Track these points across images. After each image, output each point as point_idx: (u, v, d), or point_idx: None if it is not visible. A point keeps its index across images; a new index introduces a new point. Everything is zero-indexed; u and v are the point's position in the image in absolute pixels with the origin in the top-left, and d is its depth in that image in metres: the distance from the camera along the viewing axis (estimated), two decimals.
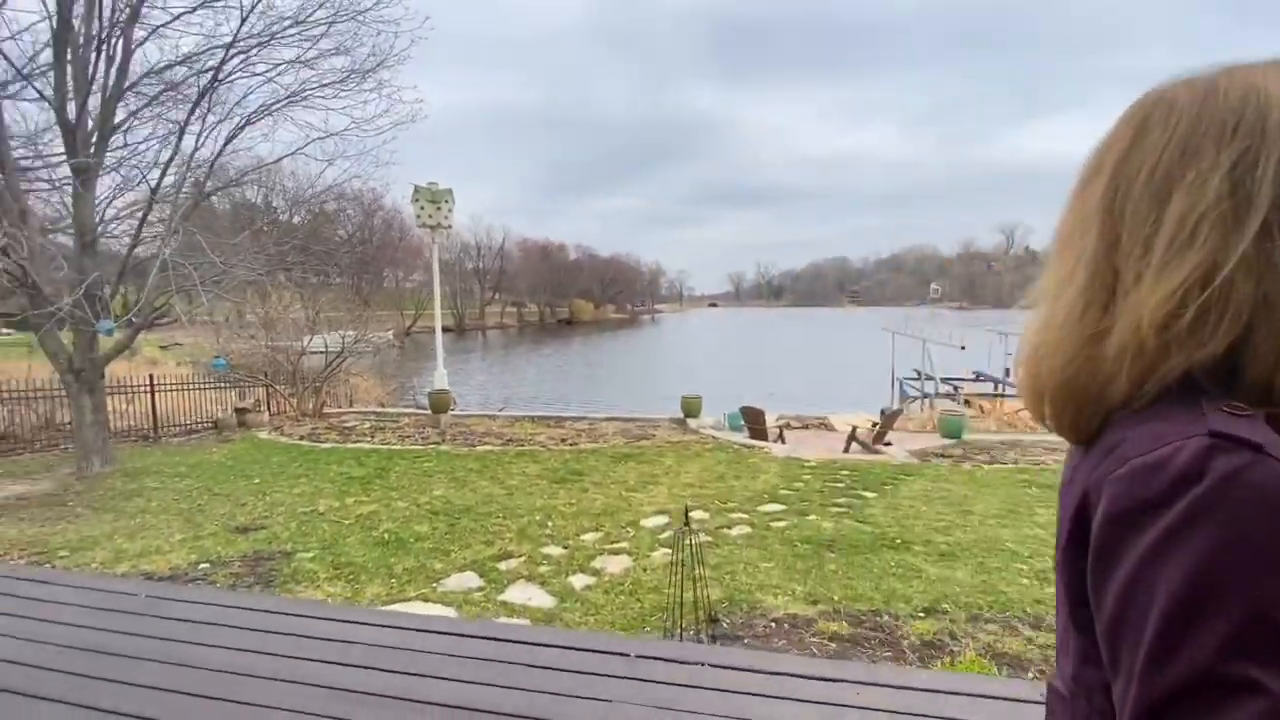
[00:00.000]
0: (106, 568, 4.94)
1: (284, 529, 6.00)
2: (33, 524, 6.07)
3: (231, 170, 8.73)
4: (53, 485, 7.44)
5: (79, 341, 7.30)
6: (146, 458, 9.15)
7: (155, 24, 7.13)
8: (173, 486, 7.49)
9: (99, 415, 7.71)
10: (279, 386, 14.42)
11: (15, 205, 6.78)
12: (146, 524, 6.12)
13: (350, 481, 7.75)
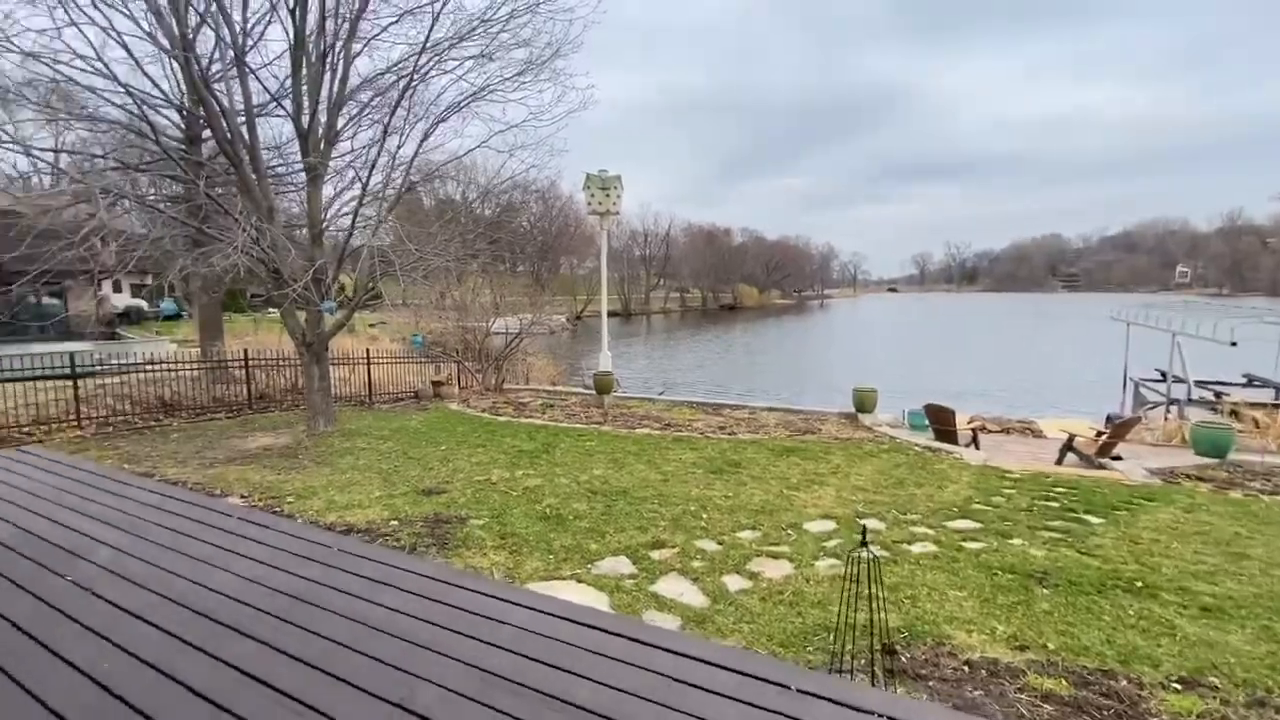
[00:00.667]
0: (319, 516, 5.67)
1: (461, 495, 6.47)
2: (273, 471, 7.23)
3: (430, 165, 9.61)
4: (290, 439, 8.86)
5: (310, 319, 8.56)
6: (360, 420, 10.58)
7: (366, 37, 8.02)
8: (377, 448, 8.51)
9: (324, 383, 9.00)
10: (467, 363, 15.93)
11: (265, 203, 8.06)
12: (354, 480, 6.98)
13: (520, 455, 8.19)
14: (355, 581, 3.43)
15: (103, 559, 3.74)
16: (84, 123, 8.63)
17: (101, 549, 3.90)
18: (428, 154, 9.35)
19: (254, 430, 9.77)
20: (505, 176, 10.04)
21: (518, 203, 12.88)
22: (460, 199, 16.11)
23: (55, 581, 3.43)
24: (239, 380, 12.05)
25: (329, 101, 8.18)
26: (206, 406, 11.49)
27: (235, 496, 6.16)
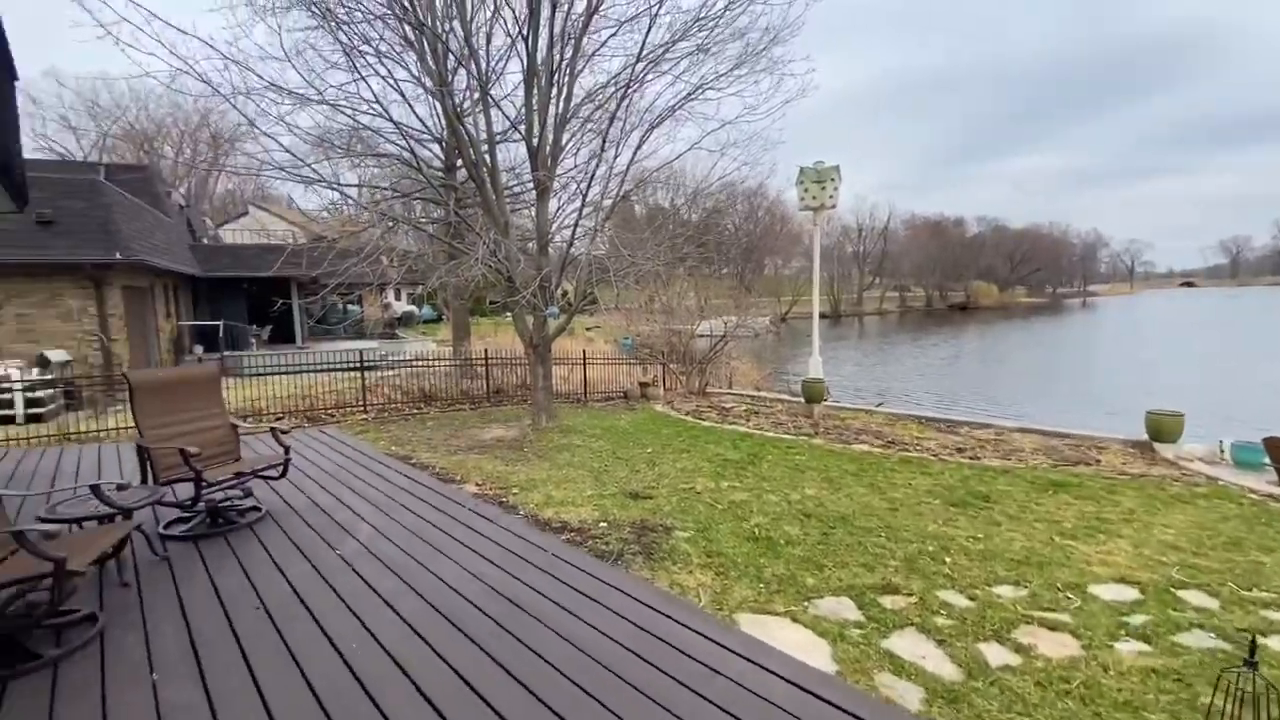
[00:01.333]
0: (538, 509, 5.95)
1: (667, 502, 6.35)
2: (503, 462, 7.90)
3: (644, 173, 9.79)
4: (518, 433, 9.68)
5: (535, 323, 9.24)
6: (576, 417, 11.23)
7: (589, 53, 8.39)
8: (590, 446, 8.87)
9: (547, 382, 9.66)
10: (673, 365, 16.16)
11: (502, 219, 8.86)
12: (569, 476, 7.30)
13: (725, 465, 7.88)
14: (567, 594, 3.36)
15: (363, 536, 4.25)
16: (372, 159, 10.41)
17: (364, 527, 4.44)
18: (641, 161, 9.53)
19: (490, 422, 10.90)
20: (715, 178, 9.83)
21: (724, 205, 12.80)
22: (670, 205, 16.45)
23: (326, 554, 3.95)
24: (480, 376, 13.66)
25: (555, 120, 8.73)
26: (455, 399, 13.19)
27: (471, 484, 6.79)
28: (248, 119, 7.50)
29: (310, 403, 12.17)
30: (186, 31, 6.59)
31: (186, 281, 17.94)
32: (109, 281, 12.20)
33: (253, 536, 4.22)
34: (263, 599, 3.31)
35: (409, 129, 9.19)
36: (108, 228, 11.94)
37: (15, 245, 11.25)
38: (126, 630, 3.01)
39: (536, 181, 8.89)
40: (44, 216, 11.34)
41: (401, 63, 8.66)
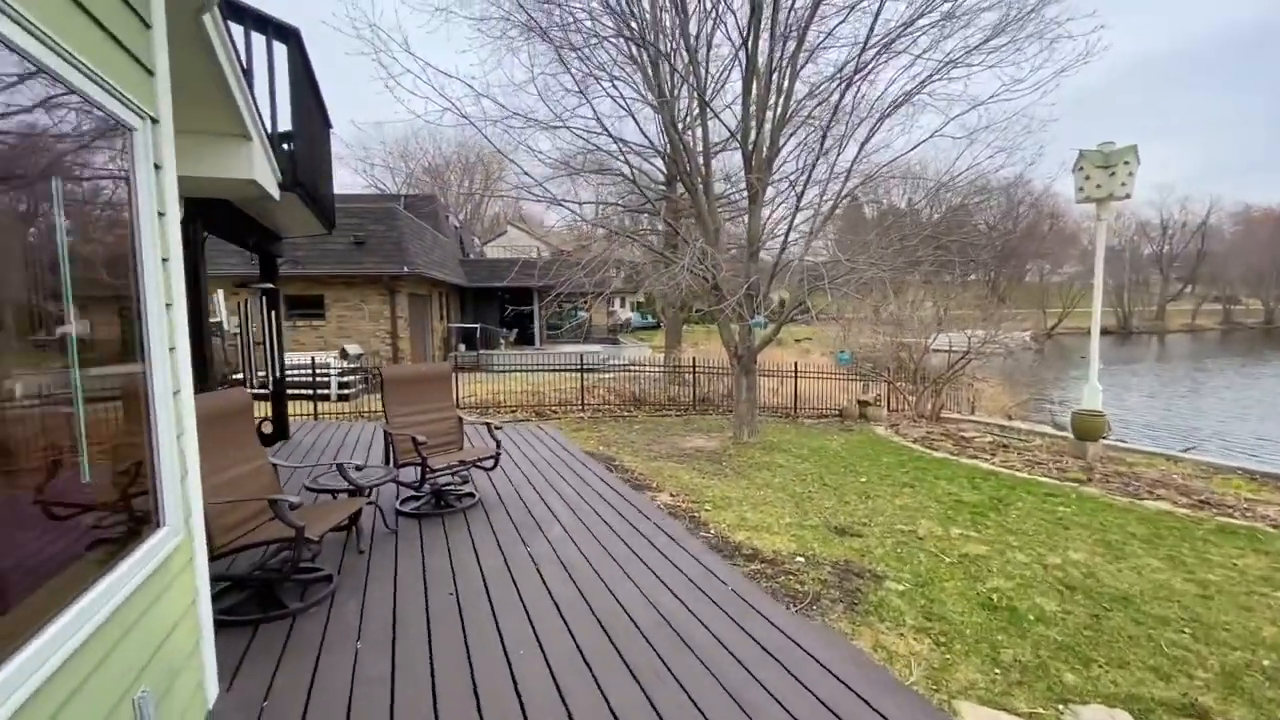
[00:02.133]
0: (729, 531, 5.60)
1: (879, 544, 5.52)
2: (699, 474, 7.70)
3: (871, 169, 8.85)
4: (718, 445, 9.44)
5: (741, 332, 8.91)
6: (783, 434, 10.60)
7: (812, 46, 7.81)
8: (794, 467, 8.24)
9: (751, 394, 9.26)
10: (899, 383, 14.49)
11: (713, 226, 8.71)
12: (767, 498, 6.81)
13: (959, 506, 6.66)
14: (744, 642, 2.96)
15: (554, 536, 4.35)
16: (597, 177, 11.05)
17: (556, 527, 4.56)
18: (869, 157, 8.62)
19: (692, 431, 10.85)
20: (962, 168, 8.46)
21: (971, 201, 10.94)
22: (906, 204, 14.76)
23: (518, 549, 4.10)
24: (687, 383, 13.76)
25: (773, 121, 8.32)
26: (663, 404, 13.47)
27: (665, 494, 6.70)
28: (495, 146, 8.45)
29: (539, 399, 13.48)
30: (450, 74, 7.62)
31: (456, 290, 21.34)
32: (399, 290, 14.98)
33: (464, 522, 4.59)
34: (457, 584, 3.51)
35: (634, 145, 9.58)
36: (400, 246, 14.67)
37: (338, 261, 14.41)
38: (350, 595, 3.40)
39: (749, 185, 8.57)
40: (358, 238, 14.36)
41: (630, 82, 9.06)
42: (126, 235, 2.00)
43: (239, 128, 3.49)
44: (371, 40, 7.14)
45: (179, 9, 2.58)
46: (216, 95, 3.19)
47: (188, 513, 2.28)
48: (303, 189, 5.10)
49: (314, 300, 14.88)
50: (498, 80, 21.49)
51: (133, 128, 2.01)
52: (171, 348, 2.20)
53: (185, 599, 2.24)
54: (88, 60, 1.70)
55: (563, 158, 10.23)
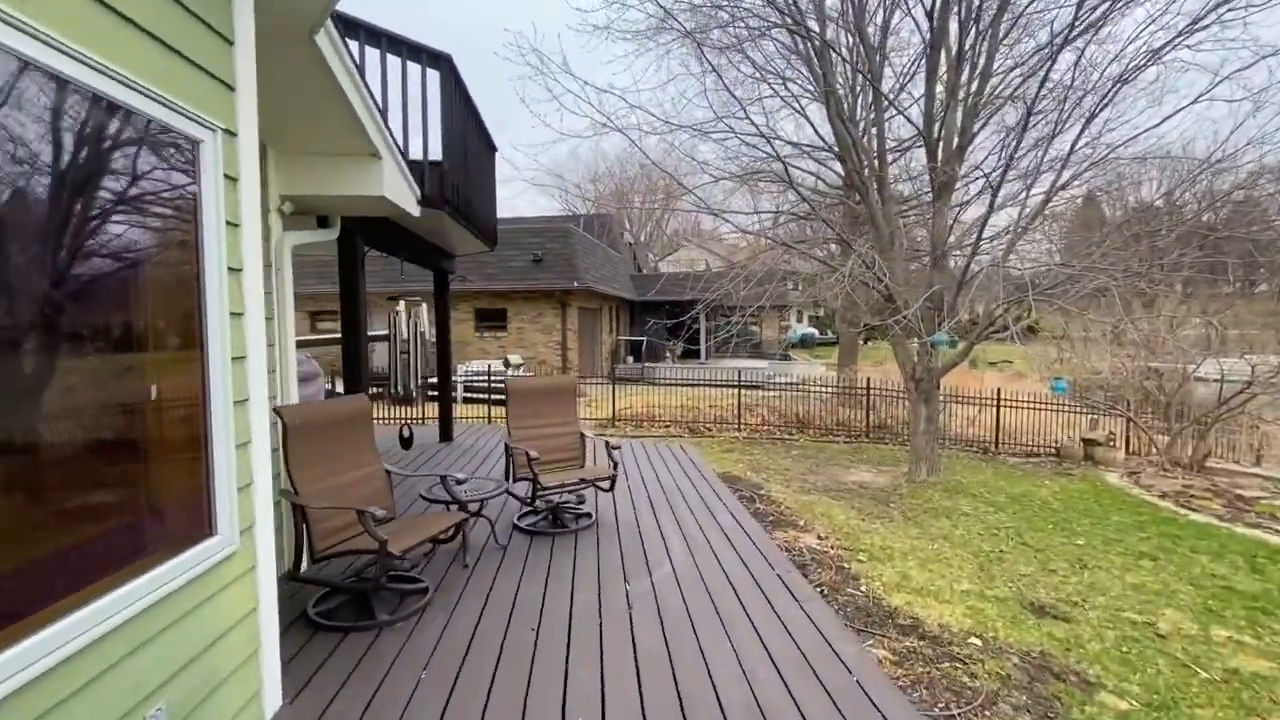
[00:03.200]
0: (883, 593, 4.66)
1: (1094, 636, 4.19)
2: (859, 515, 6.68)
3: (1105, 151, 7.07)
4: (887, 481, 8.19)
5: (921, 352, 7.66)
6: (974, 474, 8.93)
7: (1020, 5, 6.42)
8: (984, 518, 6.81)
9: (932, 426, 7.92)
10: (1143, 419, 11.58)
11: (887, 230, 7.64)
12: (940, 554, 5.64)
13: (1227, 596, 4.90)
14: None
15: (659, 577, 3.89)
16: (776, 185, 10.36)
17: (665, 565, 4.11)
18: (1099, 139, 6.90)
19: (859, 461, 9.64)
20: (1239, 144, 6.41)
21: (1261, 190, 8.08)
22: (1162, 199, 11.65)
23: (616, 586, 3.70)
24: (862, 406, 12.39)
25: (965, 101, 7.07)
26: (830, 428, 12.28)
27: (812, 534, 5.88)
28: (653, 161, 8.32)
29: (695, 415, 13.12)
30: (605, 89, 7.66)
31: (625, 304, 21.97)
32: (570, 303, 15.73)
33: (572, 545, 4.35)
34: (542, 619, 3.24)
35: (801, 146, 8.85)
36: (572, 262, 15.41)
37: (519, 277, 15.55)
38: (437, 613, 3.30)
39: (933, 181, 7.38)
40: (537, 255, 15.36)
41: (796, 77, 8.37)
42: (188, 245, 2.02)
43: (368, 147, 3.65)
44: (537, 65, 7.46)
45: (285, 28, 2.67)
46: (342, 116, 3.34)
47: (250, 522, 2.27)
48: (451, 206, 5.35)
49: (498, 313, 16.23)
50: (651, 94, 22.33)
51: (199, 140, 2.03)
52: (238, 357, 2.20)
53: (239, 609, 2.23)
54: (142, 79, 1.78)
55: (721, 164, 9.83)
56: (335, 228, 4.43)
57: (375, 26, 4.68)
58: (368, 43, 4.71)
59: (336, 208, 4.16)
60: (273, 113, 3.42)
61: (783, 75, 8.26)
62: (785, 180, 7.85)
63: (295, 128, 3.53)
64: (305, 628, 3.13)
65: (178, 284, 2.01)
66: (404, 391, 6.91)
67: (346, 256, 4.92)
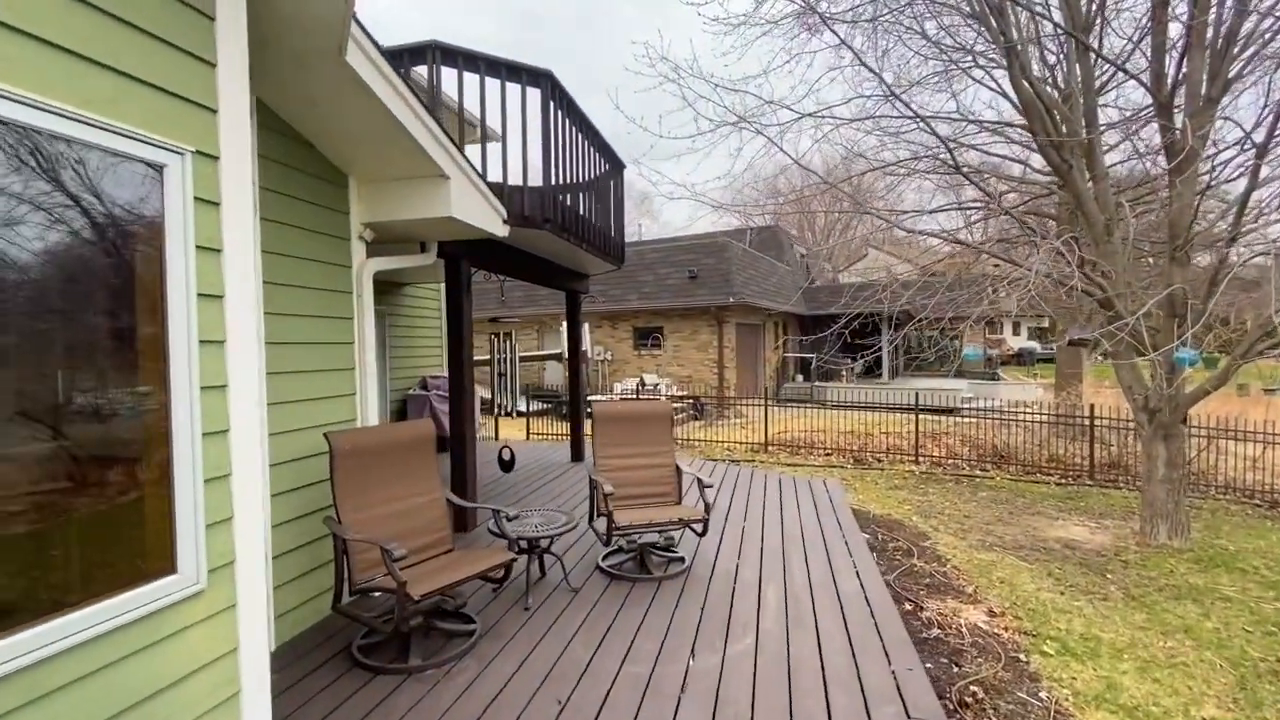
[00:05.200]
0: (1073, 707, 3.37)
1: None
2: (1056, 586, 5.12)
3: None
4: (1109, 540, 6.26)
5: (1156, 374, 5.75)
6: (1249, 538, 6.49)
7: None
8: (1254, 606, 4.80)
9: (1173, 471, 5.90)
10: None
11: (1103, 215, 5.93)
12: (1176, 656, 4.02)
13: None
14: None
15: (733, 653, 3.15)
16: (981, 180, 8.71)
17: (748, 638, 3.36)
18: None
19: (1073, 510, 7.61)
20: None
21: None
22: None
23: (678, 660, 3.07)
24: (1084, 439, 9.94)
25: (1213, 36, 5.20)
26: (1039, 465, 10.02)
27: (981, 609, 4.58)
28: (793, 158, 7.49)
29: (864, 443, 11.61)
30: (740, 90, 7.07)
31: (795, 319, 20.63)
32: (726, 320, 15.10)
33: (648, 597, 3.82)
34: (574, 691, 2.78)
35: (982, 121, 7.37)
36: (727, 277, 14.81)
37: (674, 294, 15.34)
38: (471, 664, 3.00)
39: (1168, 149, 5.55)
40: (693, 272, 15.04)
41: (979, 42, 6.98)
42: (151, 271, 1.96)
43: (433, 169, 3.59)
44: (670, 75, 7.15)
45: (308, 50, 2.63)
46: (398, 137, 3.29)
47: (225, 560, 2.16)
48: (555, 225, 5.21)
49: (654, 331, 16.21)
50: (795, 88, 20.20)
51: (161, 164, 1.98)
52: (212, 386, 2.11)
53: (208, 651, 2.11)
54: (91, 112, 1.79)
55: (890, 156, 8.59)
56: (431, 252, 4.49)
57: (472, 51, 4.73)
58: (465, 68, 4.78)
59: (417, 232, 4.20)
60: (340, 140, 3.50)
61: (968, 48, 6.94)
62: (953, 167, 6.49)
63: (366, 154, 3.59)
64: (344, 663, 3.04)
65: (142, 310, 1.96)
66: (499, 410, 6.96)
67: (451, 279, 5.01)
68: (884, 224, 8.82)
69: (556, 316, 16.70)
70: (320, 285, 3.54)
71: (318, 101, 3.06)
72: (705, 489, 4.15)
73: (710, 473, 7.68)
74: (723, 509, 5.95)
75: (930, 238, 9.53)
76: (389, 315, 7.72)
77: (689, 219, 25.23)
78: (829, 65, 9.45)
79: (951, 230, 9.83)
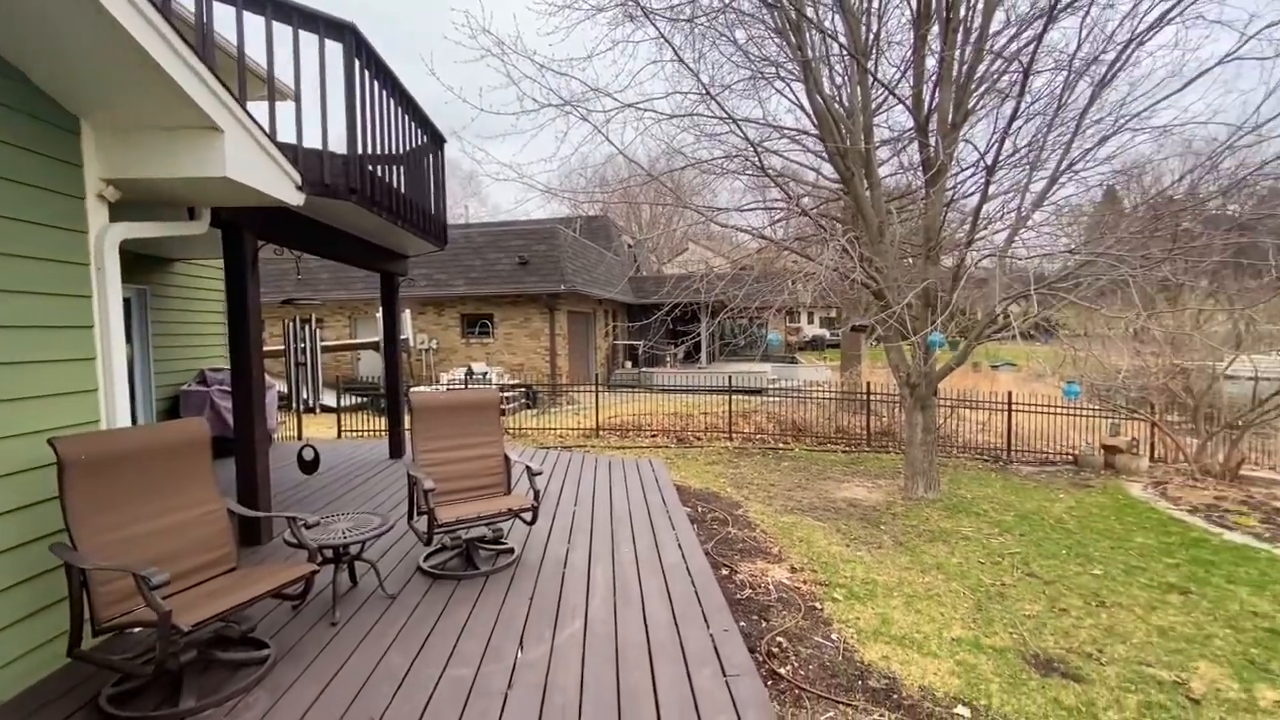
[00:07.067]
0: (856, 643, 3.90)
1: (1111, 703, 3.40)
2: (843, 540, 5.91)
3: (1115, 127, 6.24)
4: (881, 498, 7.39)
5: (916, 355, 6.87)
6: (980, 488, 8.09)
7: None
8: (987, 542, 6.00)
9: (928, 435, 7.12)
10: (1169, 422, 10.64)
11: (875, 219, 6.87)
12: (932, 589, 4.86)
13: (1274, 642, 4.07)
14: None
15: (562, 639, 3.12)
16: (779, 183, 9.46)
17: (577, 620, 3.37)
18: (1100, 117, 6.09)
19: (855, 474, 8.84)
20: (1269, 116, 5.54)
21: None
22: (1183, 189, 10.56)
23: (505, 656, 2.93)
24: (863, 412, 11.57)
25: (958, 71, 6.30)
26: (829, 436, 11.47)
27: (785, 566, 5.12)
28: (618, 148, 7.60)
29: (686, 424, 12.38)
30: (567, 74, 6.98)
31: (624, 308, 21.27)
32: (558, 307, 15.07)
33: (475, 593, 3.66)
34: (390, 705, 2.55)
35: (783, 128, 8.10)
36: (559, 265, 14.76)
37: (504, 280, 14.94)
38: (268, 692, 2.63)
39: (925, 163, 6.61)
40: (523, 258, 14.75)
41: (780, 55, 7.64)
42: None
43: (199, 119, 3.02)
44: (493, 50, 6.81)
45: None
46: (149, 78, 2.70)
47: None
48: (363, 196, 4.71)
49: (484, 318, 15.64)
50: (619, 80, 21.28)
51: None
52: None
53: None
54: None
55: (704, 154, 9.09)
56: (204, 220, 3.80)
57: None
58: (248, 8, 4.10)
59: (184, 195, 3.53)
60: (66, 74, 2.79)
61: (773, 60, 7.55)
62: (759, 167, 7.08)
63: (106, 94, 2.90)
64: (90, 718, 2.48)
65: None
66: (300, 405, 6.26)
67: (231, 253, 4.30)
68: (701, 219, 9.32)
69: (371, 302, 15.33)
70: (34, 253, 2.80)
71: (24, 18, 2.39)
72: (534, 477, 4.07)
73: (542, 460, 7.61)
74: (554, 495, 5.92)
75: (741, 233, 10.34)
76: (155, 296, 6.45)
77: (516, 202, 24.89)
78: (651, 58, 9.76)
79: (759, 228, 10.73)
